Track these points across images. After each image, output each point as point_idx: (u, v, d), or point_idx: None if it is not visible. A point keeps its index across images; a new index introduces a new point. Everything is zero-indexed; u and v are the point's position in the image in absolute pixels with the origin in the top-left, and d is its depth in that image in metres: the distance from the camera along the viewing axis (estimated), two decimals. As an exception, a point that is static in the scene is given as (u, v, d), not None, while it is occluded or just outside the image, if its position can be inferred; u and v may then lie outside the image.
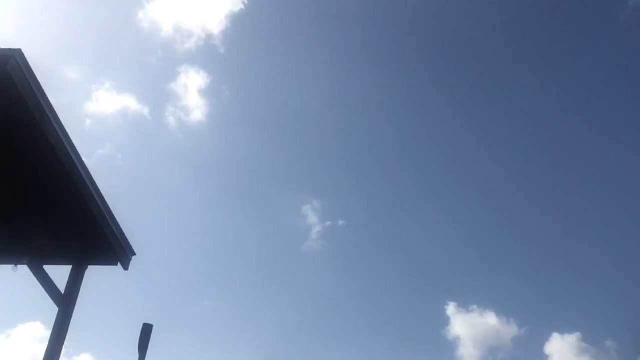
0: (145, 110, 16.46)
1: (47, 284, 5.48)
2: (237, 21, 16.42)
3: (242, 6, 16.34)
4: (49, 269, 5.58)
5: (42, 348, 5.30)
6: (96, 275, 5.81)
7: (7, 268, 5.66)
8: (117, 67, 15.77)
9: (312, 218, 16.88)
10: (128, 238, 5.56)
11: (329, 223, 17.34)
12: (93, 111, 14.02)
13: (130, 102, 16.21)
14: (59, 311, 5.43)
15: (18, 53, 4.05)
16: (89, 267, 5.67)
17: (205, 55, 16.31)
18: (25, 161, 4.63)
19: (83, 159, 4.80)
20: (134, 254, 5.67)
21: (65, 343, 5.38)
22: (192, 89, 16.97)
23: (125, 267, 5.64)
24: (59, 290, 5.52)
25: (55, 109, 4.38)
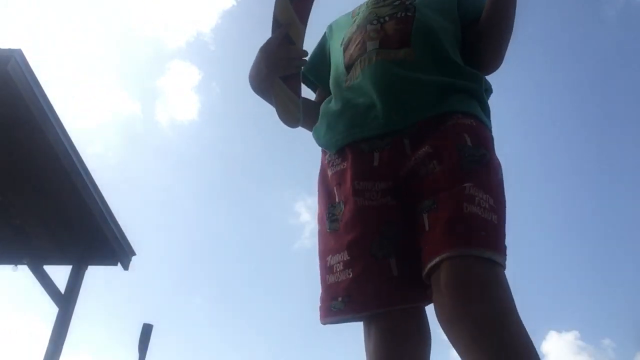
0: (136, 107, 16.41)
1: (47, 284, 5.48)
2: (228, 18, 16.37)
3: (233, 3, 16.30)
4: (49, 269, 5.59)
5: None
6: (96, 275, 5.82)
7: (7, 268, 5.66)
8: (107, 63, 15.70)
9: (305, 215, 16.86)
10: (128, 238, 5.57)
11: (323, 221, 17.32)
12: (83, 109, 14.00)
13: (121, 99, 16.15)
14: (59, 311, 5.43)
15: (18, 53, 4.05)
16: (89, 267, 5.68)
17: (196, 52, 16.26)
18: (25, 161, 4.62)
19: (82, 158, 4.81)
20: (134, 254, 5.67)
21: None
22: (182, 86, 16.93)
23: (125, 267, 5.64)
24: (59, 290, 5.52)
25: (55, 109, 4.39)
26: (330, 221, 1.26)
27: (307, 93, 1.56)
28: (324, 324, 1.23)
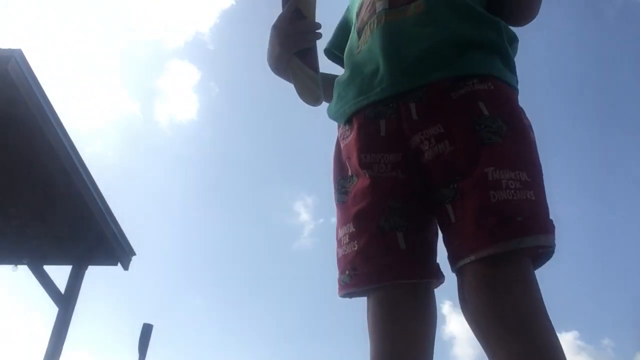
0: (136, 107, 16.41)
1: (47, 284, 5.48)
2: (227, 17, 16.37)
3: (232, 2, 16.31)
4: (49, 269, 5.59)
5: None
6: (96, 275, 5.82)
7: (7, 268, 5.67)
8: (106, 62, 15.70)
9: (304, 215, 16.84)
10: (128, 238, 5.57)
11: (321, 220, 17.31)
12: (82, 108, 13.99)
13: (120, 99, 16.14)
14: (58, 311, 5.43)
15: (18, 53, 4.06)
16: (89, 267, 5.68)
17: (194, 51, 16.26)
18: (25, 161, 4.62)
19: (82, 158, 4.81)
20: (134, 254, 5.68)
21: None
22: (181, 85, 16.94)
23: (125, 267, 5.65)
24: (59, 290, 5.52)
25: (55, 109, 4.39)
26: (340, 193, 1.21)
27: (337, 70, 1.46)
28: (340, 296, 1.16)
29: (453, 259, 1.05)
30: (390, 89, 1.13)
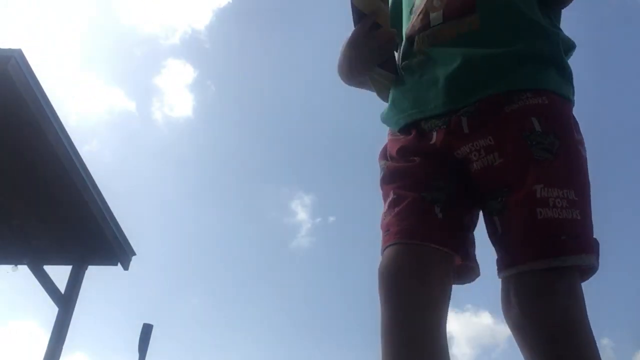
0: (132, 105, 16.36)
1: (47, 284, 5.48)
2: (223, 16, 16.35)
3: (228, 0, 16.29)
4: (49, 269, 5.59)
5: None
6: (96, 275, 5.82)
7: (7, 268, 5.67)
8: (102, 61, 15.67)
9: (302, 214, 16.82)
10: (128, 238, 5.58)
11: (319, 220, 17.29)
12: (78, 107, 13.93)
13: (116, 97, 16.07)
14: (58, 311, 5.44)
15: (18, 53, 4.07)
16: (89, 267, 5.69)
17: (191, 50, 16.23)
18: (25, 161, 4.63)
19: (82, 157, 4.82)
20: (134, 254, 5.68)
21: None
22: (177, 84, 16.90)
23: (125, 267, 5.65)
24: (59, 290, 5.53)
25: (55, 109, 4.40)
26: (381, 170, 1.22)
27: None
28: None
29: (500, 267, 1.05)
30: (444, 107, 1.13)
